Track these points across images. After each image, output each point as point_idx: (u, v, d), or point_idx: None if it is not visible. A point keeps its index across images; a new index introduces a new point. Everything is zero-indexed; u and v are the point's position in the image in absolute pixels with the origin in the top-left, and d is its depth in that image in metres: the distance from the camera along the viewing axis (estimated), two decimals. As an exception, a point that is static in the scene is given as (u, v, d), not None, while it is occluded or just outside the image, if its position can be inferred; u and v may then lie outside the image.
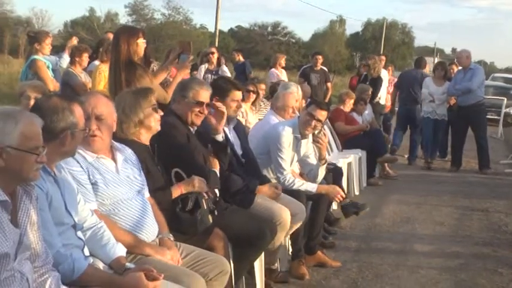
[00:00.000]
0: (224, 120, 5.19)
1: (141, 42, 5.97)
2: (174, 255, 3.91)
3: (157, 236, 4.04)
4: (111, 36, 9.80)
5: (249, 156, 5.80)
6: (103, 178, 3.83)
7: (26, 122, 2.79)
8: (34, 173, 2.85)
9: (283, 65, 14.51)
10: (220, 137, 5.17)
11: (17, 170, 2.77)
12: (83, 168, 3.74)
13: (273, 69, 14.20)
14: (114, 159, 3.97)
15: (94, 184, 3.78)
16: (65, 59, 9.20)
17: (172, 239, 4.08)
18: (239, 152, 5.69)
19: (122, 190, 3.91)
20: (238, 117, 6.36)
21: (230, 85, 5.75)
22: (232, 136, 5.73)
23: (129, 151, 4.12)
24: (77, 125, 3.35)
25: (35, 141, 2.80)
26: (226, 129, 5.59)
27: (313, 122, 6.19)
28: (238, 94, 5.69)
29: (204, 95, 5.02)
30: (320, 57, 14.90)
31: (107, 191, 3.84)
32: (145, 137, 4.42)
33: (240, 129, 5.99)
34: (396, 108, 14.83)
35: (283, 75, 13.93)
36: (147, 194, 4.12)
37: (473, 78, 12.27)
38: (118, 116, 4.12)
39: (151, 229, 4.00)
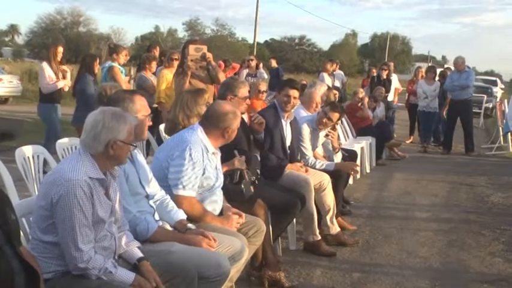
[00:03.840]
0: (263, 127, 5.16)
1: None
2: (235, 211, 3.98)
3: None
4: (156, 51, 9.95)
5: (293, 146, 5.73)
6: (213, 172, 3.87)
7: (130, 122, 2.95)
8: (126, 159, 3.06)
9: (330, 69, 14.02)
10: (259, 137, 5.17)
11: (118, 157, 2.93)
12: (203, 162, 3.78)
13: (322, 73, 13.99)
14: (216, 156, 3.98)
15: (206, 178, 3.82)
16: None
17: (229, 206, 4.12)
18: (288, 142, 5.62)
19: (214, 180, 3.91)
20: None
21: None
22: (287, 128, 5.65)
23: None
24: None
25: (132, 136, 2.97)
26: (283, 122, 5.57)
27: (325, 120, 6.10)
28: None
29: (245, 91, 5.02)
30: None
31: (211, 183, 3.87)
32: None
33: (295, 125, 5.84)
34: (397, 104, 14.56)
35: (327, 78, 13.69)
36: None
37: (469, 77, 12.22)
38: (183, 110, 4.35)
39: (221, 204, 4.03)
